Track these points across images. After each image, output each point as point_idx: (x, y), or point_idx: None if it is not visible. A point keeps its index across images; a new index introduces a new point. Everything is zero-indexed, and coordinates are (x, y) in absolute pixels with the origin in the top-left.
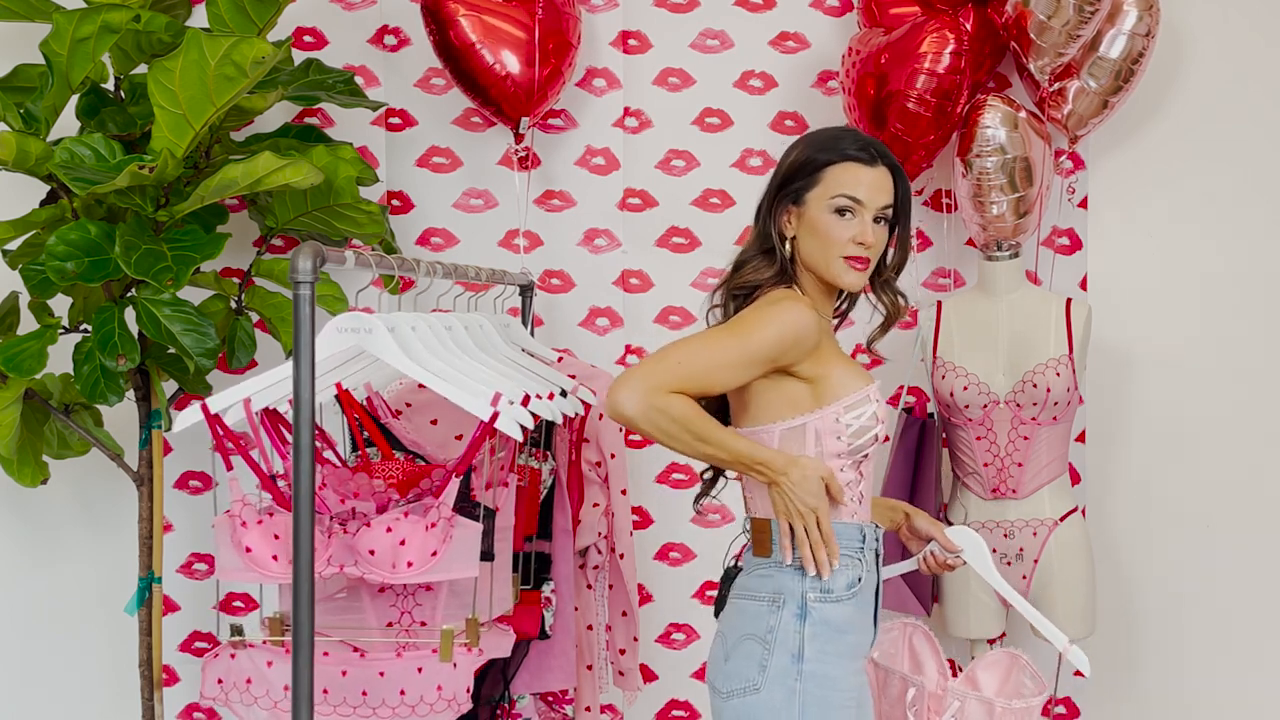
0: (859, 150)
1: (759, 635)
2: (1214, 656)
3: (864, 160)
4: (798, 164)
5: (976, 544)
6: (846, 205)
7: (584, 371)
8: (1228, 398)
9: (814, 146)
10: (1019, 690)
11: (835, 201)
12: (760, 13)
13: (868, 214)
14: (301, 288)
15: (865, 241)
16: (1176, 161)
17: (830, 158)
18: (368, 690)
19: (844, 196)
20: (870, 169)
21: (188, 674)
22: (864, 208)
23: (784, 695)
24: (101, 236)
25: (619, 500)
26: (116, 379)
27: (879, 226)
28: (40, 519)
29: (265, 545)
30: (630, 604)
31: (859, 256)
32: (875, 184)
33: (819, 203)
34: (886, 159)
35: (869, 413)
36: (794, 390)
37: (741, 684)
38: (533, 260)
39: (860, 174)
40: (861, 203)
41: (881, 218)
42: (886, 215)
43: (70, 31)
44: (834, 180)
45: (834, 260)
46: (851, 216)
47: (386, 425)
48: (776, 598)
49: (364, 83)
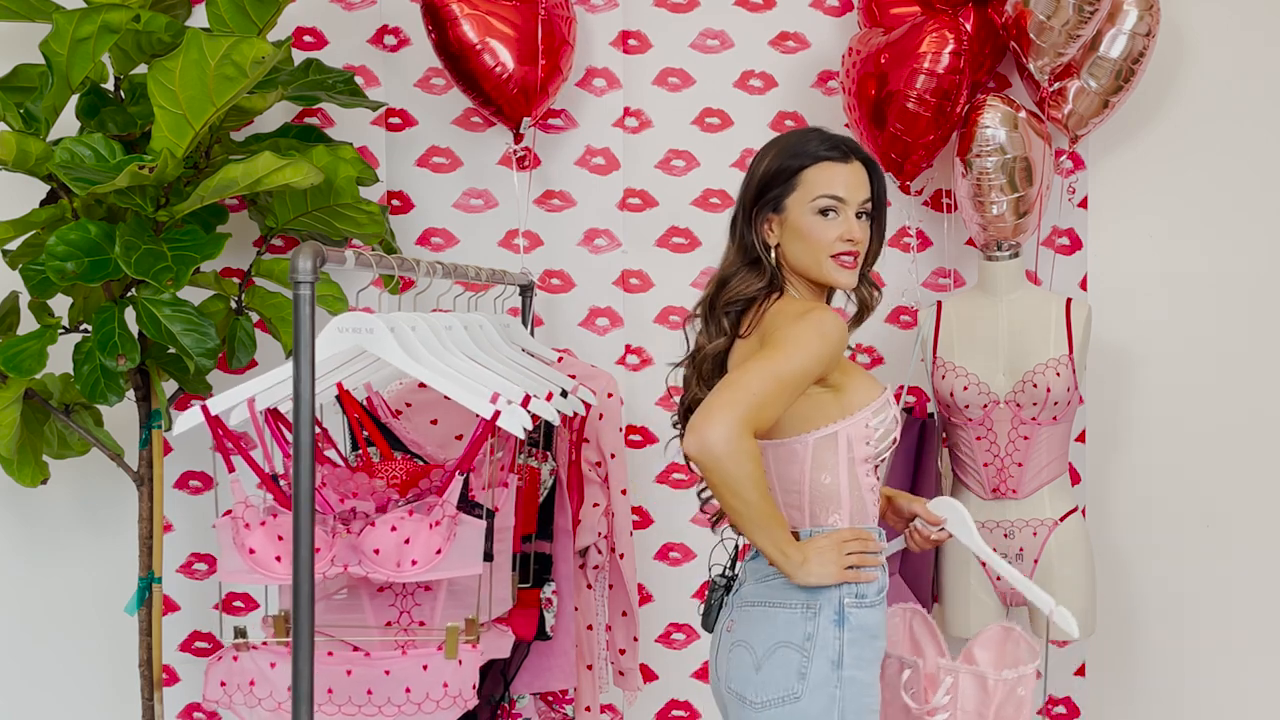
0: (830, 149)
1: (795, 643)
2: (1214, 656)
3: (838, 158)
4: (771, 172)
5: (959, 513)
6: (829, 205)
7: (584, 371)
8: (1228, 397)
9: (785, 153)
10: (1015, 661)
11: (818, 203)
12: (760, 13)
13: (850, 210)
14: (301, 288)
15: (853, 238)
16: (1176, 161)
17: (803, 161)
18: (373, 689)
19: (826, 196)
20: (845, 165)
21: (188, 674)
22: (846, 205)
23: (825, 703)
24: (101, 236)
25: (619, 500)
26: (116, 379)
27: (862, 220)
28: (40, 519)
29: (269, 547)
30: (630, 604)
31: (848, 253)
32: (853, 180)
33: (800, 206)
34: (859, 154)
35: (890, 416)
36: (822, 399)
37: (780, 693)
38: (533, 260)
39: (837, 172)
40: (844, 200)
41: (863, 212)
42: (868, 210)
43: (70, 31)
44: (812, 182)
45: (824, 261)
46: (835, 215)
47: (386, 425)
48: (812, 604)
49: (364, 83)
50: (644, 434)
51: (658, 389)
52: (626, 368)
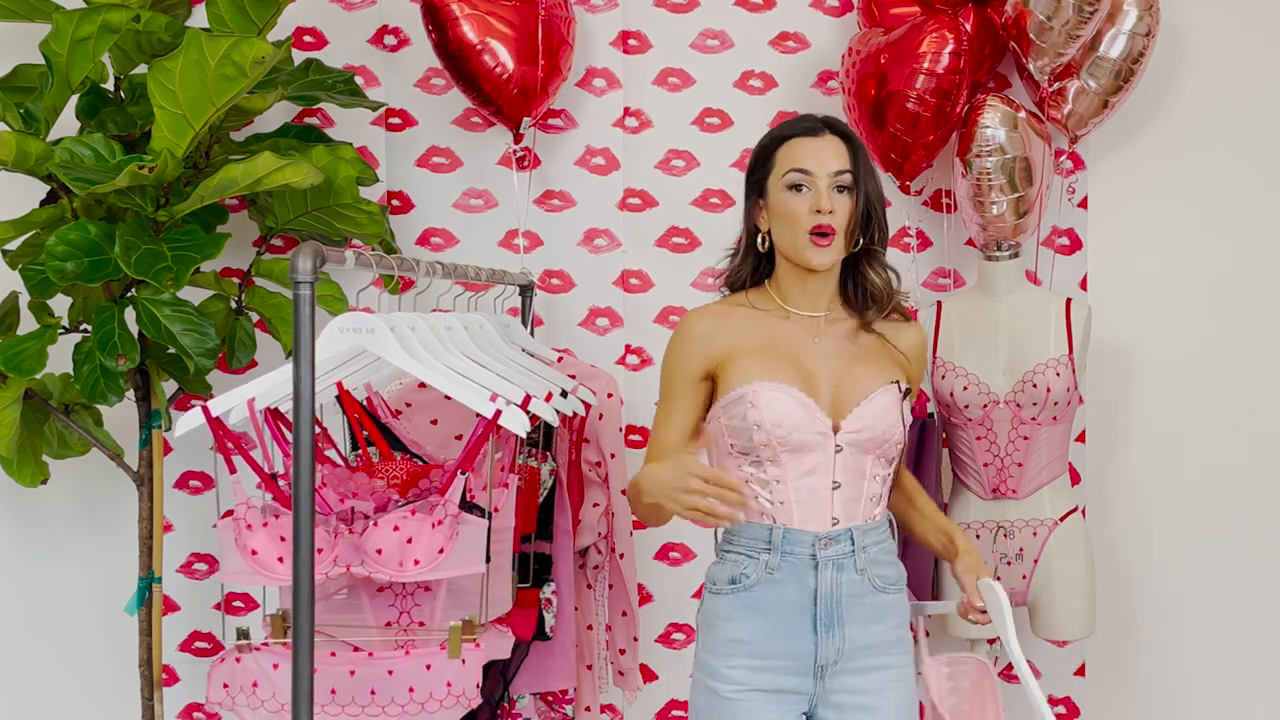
0: (803, 126)
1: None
2: (1214, 656)
3: (808, 133)
4: (754, 157)
5: (997, 601)
6: (797, 180)
7: (584, 371)
8: (1228, 397)
9: (766, 136)
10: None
11: (787, 179)
12: (760, 13)
13: (820, 182)
14: (301, 288)
15: (822, 208)
16: (1176, 161)
17: (776, 142)
18: (376, 689)
19: (793, 171)
20: (814, 139)
21: (188, 674)
22: (814, 177)
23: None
24: (101, 236)
25: (619, 500)
26: (116, 379)
27: (842, 195)
28: (40, 519)
29: (271, 548)
30: (630, 604)
31: (820, 226)
32: (821, 152)
33: (775, 186)
34: (834, 128)
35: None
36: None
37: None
38: (533, 260)
39: (804, 145)
40: (810, 172)
41: (841, 186)
42: (845, 182)
43: (70, 31)
44: (782, 159)
45: (800, 240)
46: (806, 190)
47: (386, 425)
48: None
49: (364, 83)
50: (644, 434)
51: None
52: (626, 368)
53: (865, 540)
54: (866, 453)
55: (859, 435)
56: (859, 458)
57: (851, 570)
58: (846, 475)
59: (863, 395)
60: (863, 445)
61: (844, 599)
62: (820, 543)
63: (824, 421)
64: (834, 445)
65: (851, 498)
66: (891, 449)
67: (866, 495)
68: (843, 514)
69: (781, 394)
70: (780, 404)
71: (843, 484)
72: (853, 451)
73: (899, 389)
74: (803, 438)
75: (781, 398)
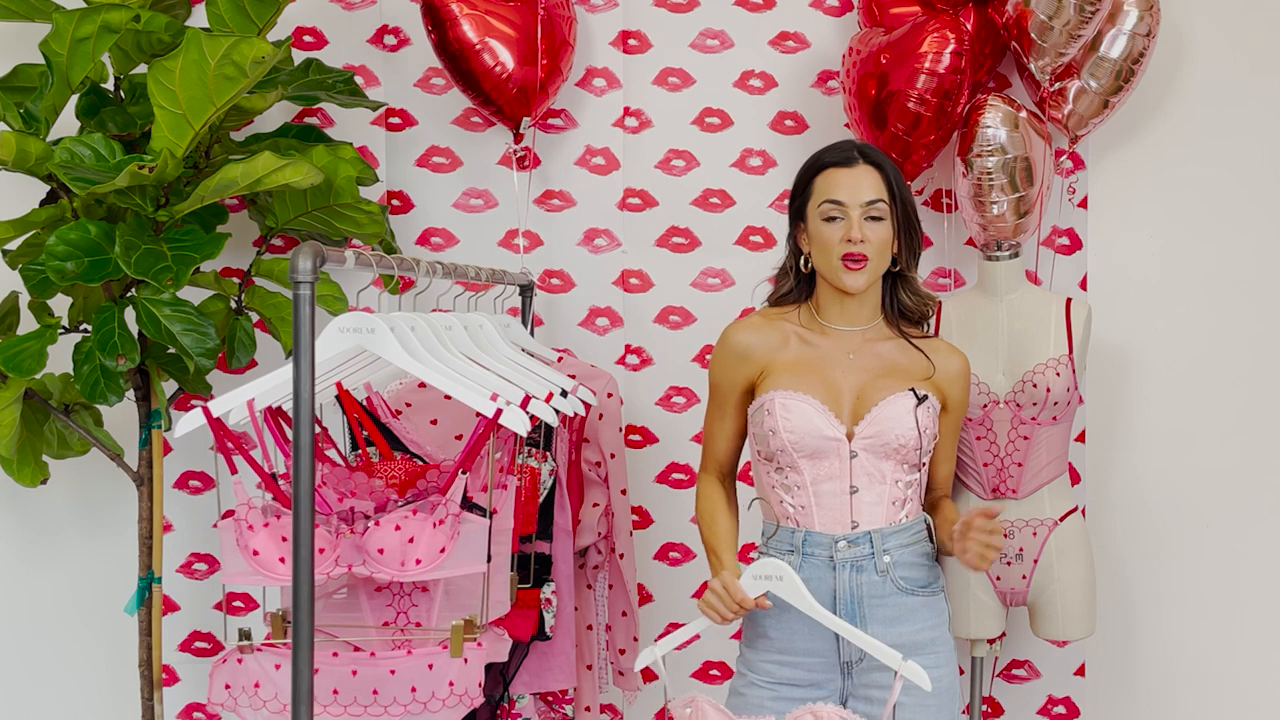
0: (836, 156)
1: None
2: (1214, 656)
3: (841, 164)
4: (795, 184)
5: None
6: (831, 211)
7: (584, 371)
8: (1228, 398)
9: (805, 163)
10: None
11: (822, 210)
12: (760, 13)
13: (853, 212)
14: (301, 288)
15: (852, 238)
16: (1176, 161)
17: (812, 172)
18: (378, 689)
19: (827, 203)
20: (848, 170)
21: (188, 674)
22: (847, 208)
23: None
24: (101, 236)
25: (619, 500)
26: (116, 379)
27: (875, 224)
28: (40, 519)
29: (273, 548)
30: (630, 604)
31: (853, 254)
32: (853, 183)
33: (813, 215)
34: (868, 157)
35: (760, 421)
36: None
37: None
38: (533, 260)
39: (838, 177)
40: (843, 204)
41: (875, 215)
42: (879, 211)
43: (70, 31)
44: (818, 191)
45: (835, 265)
46: (839, 220)
47: (386, 425)
48: None
49: (364, 83)
50: (644, 434)
51: (658, 389)
52: (626, 368)
53: (888, 543)
54: (885, 458)
55: (872, 440)
56: (877, 463)
57: (872, 572)
58: (865, 479)
59: (877, 402)
60: (878, 450)
61: (865, 599)
62: (839, 545)
63: (837, 427)
64: (849, 450)
65: (871, 501)
66: (911, 454)
67: (889, 499)
68: (862, 517)
69: (797, 401)
70: (795, 411)
71: (860, 488)
72: (869, 456)
73: (915, 395)
74: (815, 443)
75: (797, 405)
